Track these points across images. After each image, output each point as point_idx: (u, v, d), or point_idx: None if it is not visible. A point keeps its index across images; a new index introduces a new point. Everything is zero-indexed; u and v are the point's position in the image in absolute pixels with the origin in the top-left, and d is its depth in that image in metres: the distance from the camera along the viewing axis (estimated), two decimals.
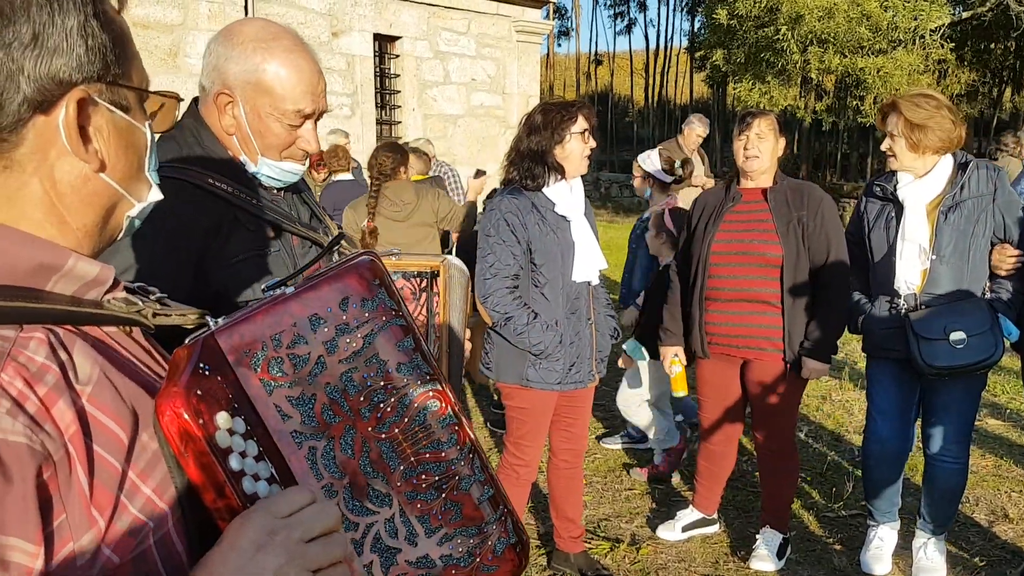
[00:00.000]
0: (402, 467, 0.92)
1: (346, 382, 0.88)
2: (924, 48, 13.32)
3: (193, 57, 9.30)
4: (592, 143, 2.93)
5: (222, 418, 0.80)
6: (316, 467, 0.87)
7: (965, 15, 14.72)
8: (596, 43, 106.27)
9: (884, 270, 3.04)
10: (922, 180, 2.97)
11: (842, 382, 5.97)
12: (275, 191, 1.65)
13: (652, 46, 49.78)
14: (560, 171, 2.86)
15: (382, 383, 0.90)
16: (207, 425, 0.78)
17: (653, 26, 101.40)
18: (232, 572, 0.71)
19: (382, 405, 0.90)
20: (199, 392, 0.79)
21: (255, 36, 1.52)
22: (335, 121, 10.61)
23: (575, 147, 2.87)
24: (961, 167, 2.97)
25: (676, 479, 4.25)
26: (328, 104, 1.65)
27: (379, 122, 11.44)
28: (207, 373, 0.81)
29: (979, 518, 3.77)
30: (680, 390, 3.52)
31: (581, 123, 2.88)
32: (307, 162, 1.66)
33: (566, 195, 2.91)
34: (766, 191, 3.19)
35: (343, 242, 1.64)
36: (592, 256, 2.93)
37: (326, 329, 0.87)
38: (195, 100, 1.63)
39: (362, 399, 0.89)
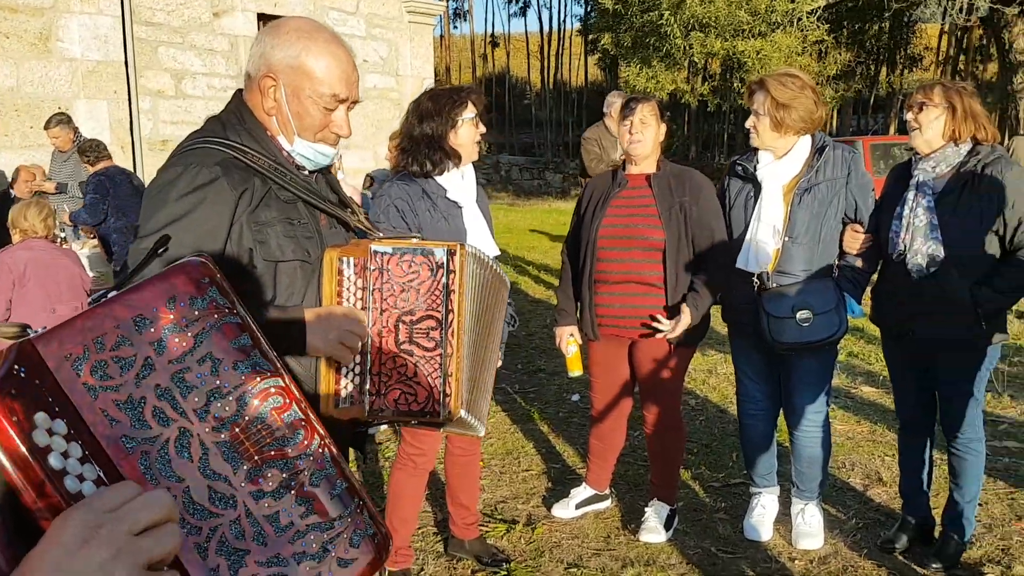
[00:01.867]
0: (246, 467, 0.89)
1: (178, 383, 0.85)
2: (802, 30, 13.87)
3: (65, 41, 8.79)
4: (482, 128, 2.92)
5: (40, 418, 0.76)
6: (151, 472, 0.84)
7: None
8: (493, 24, 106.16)
9: (739, 247, 3.16)
10: (780, 161, 3.10)
11: (726, 356, 6.18)
12: (307, 172, 1.79)
13: (546, 28, 50.06)
14: (457, 157, 2.84)
15: (217, 382, 0.87)
16: (22, 423, 0.75)
17: (547, 8, 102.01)
18: (53, 568, 0.66)
19: (219, 404, 0.87)
20: (13, 391, 0.75)
21: (299, 28, 1.69)
22: (218, 105, 10.15)
23: (467, 133, 2.86)
24: (819, 151, 3.10)
25: (570, 458, 4.32)
26: (213, 87, 1.88)
27: None
28: (22, 375, 0.77)
29: (855, 482, 3.97)
30: (575, 369, 3.57)
31: (471, 108, 2.87)
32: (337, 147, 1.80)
33: (458, 181, 2.89)
34: (650, 177, 3.26)
35: (360, 215, 1.87)
36: (484, 243, 2.92)
37: (152, 329, 0.83)
38: (238, 92, 1.78)
39: (197, 400, 0.86)
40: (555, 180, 26.85)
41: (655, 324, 3.17)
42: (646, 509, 3.48)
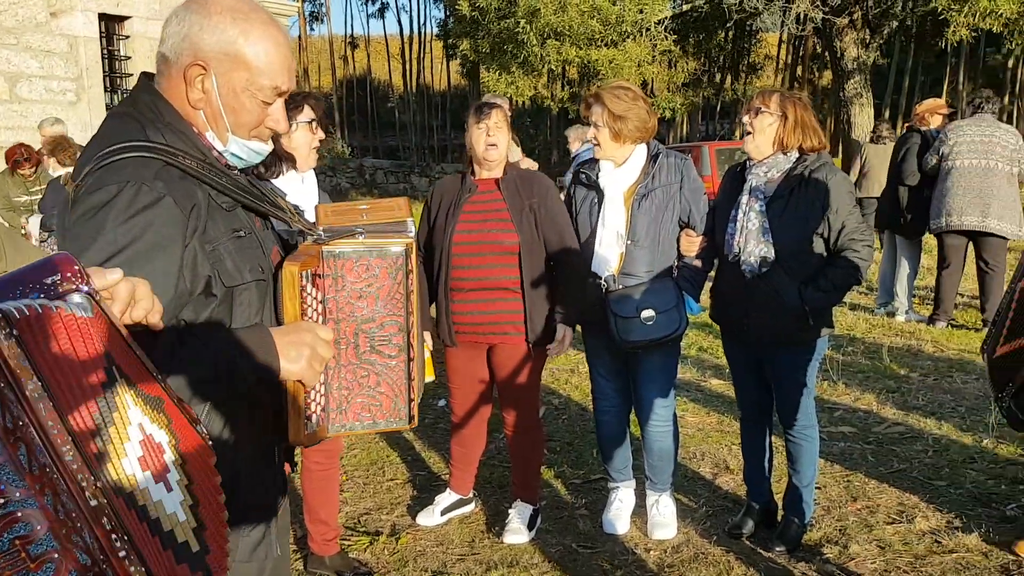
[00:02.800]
0: None
1: None
2: (651, 40, 14.44)
3: None
4: (320, 134, 2.88)
5: None
6: None
7: (685, 8, 16.13)
8: (352, 26, 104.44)
9: (587, 252, 3.27)
10: (620, 169, 3.23)
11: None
12: (236, 171, 1.55)
13: (407, 31, 49.83)
14: (292, 160, 2.79)
15: None
16: None
17: (406, 11, 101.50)
18: None
19: None
20: None
21: (233, 7, 1.46)
22: (57, 108, 9.61)
23: (302, 137, 2.81)
24: (653, 157, 3.25)
25: (436, 465, 4.32)
26: (51, 90, 1.58)
27: (110, 108, 10.54)
28: None
29: (704, 472, 4.16)
30: (428, 374, 3.56)
31: (308, 113, 2.83)
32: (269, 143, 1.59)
33: (297, 186, 2.84)
34: (499, 181, 3.30)
35: (302, 219, 1.64)
36: None
37: None
38: (145, 75, 1.52)
39: None
40: (421, 184, 26.77)
41: (549, 351, 3.33)
42: (509, 511, 3.53)
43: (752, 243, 3.07)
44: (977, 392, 5.18)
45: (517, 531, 3.43)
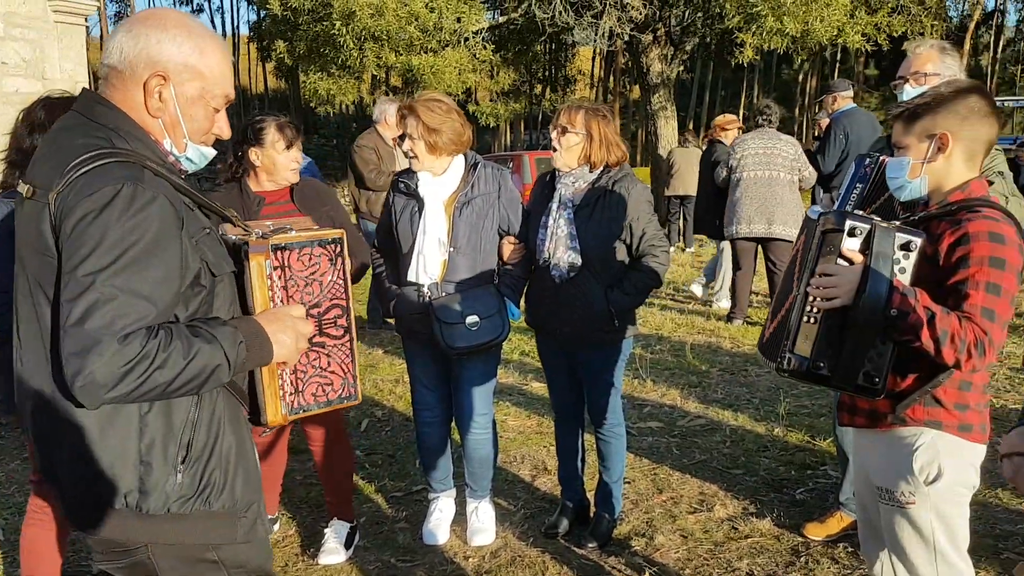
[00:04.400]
0: None
1: None
2: (470, 49, 14.61)
3: None
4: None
5: None
6: None
7: (502, 20, 16.46)
8: None
9: (409, 260, 3.25)
10: (439, 179, 3.23)
11: None
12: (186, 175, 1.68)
13: (219, 32, 47.66)
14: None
15: None
16: None
17: (219, 12, 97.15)
18: None
19: None
20: None
21: (185, 22, 1.59)
22: None
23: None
24: (472, 167, 3.28)
25: None
26: None
27: None
28: None
29: (524, 474, 4.24)
30: None
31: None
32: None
33: None
34: (291, 189, 3.22)
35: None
36: None
37: None
38: (91, 93, 1.61)
39: None
40: None
41: None
42: (325, 531, 3.43)
43: (561, 249, 3.17)
44: (769, 384, 5.59)
45: (333, 551, 3.34)
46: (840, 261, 1.91)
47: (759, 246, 7.27)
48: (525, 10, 14.22)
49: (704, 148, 9.06)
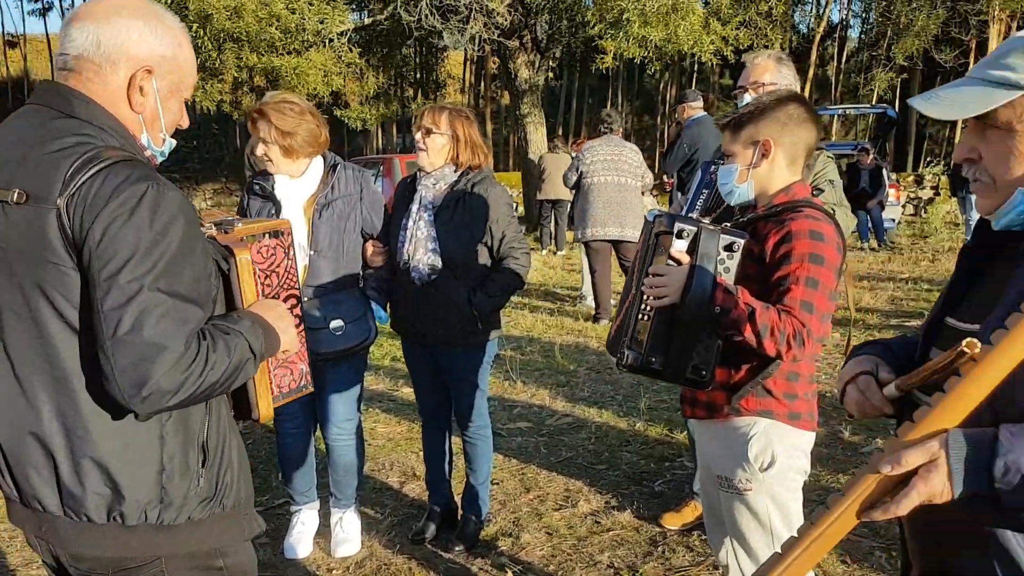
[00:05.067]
0: None
1: None
2: (335, 51, 14.38)
3: None
4: None
5: None
6: None
7: (367, 21, 16.28)
8: (4, 24, 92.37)
9: None
10: (297, 181, 3.17)
11: None
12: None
13: None
14: None
15: None
16: None
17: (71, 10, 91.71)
18: None
19: None
20: None
21: (160, 13, 1.55)
22: None
23: None
24: (332, 168, 3.23)
25: None
26: None
27: None
28: None
29: (392, 481, 4.21)
30: None
31: None
32: None
33: None
34: None
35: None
36: None
37: None
38: (57, 86, 1.50)
39: None
40: None
41: None
42: None
43: (421, 252, 3.16)
44: (632, 381, 5.78)
45: None
46: (670, 262, 2.01)
47: (613, 248, 7.55)
48: (391, 12, 14.12)
49: (574, 154, 9.36)
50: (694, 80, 38.58)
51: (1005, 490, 1.04)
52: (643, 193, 7.79)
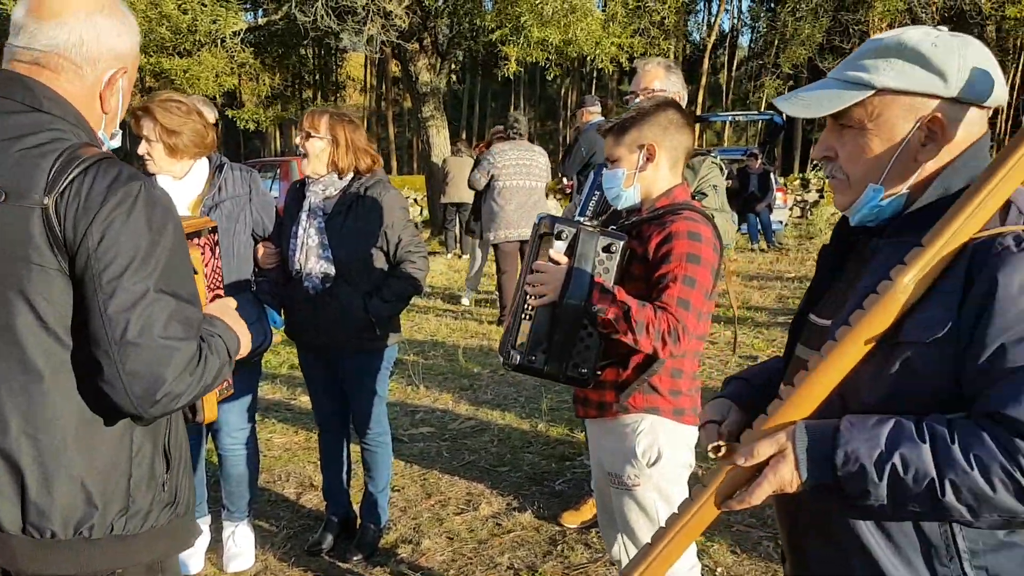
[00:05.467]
0: None
1: None
2: (228, 51, 13.99)
3: None
4: None
5: None
6: None
7: (262, 22, 15.91)
8: None
9: None
10: (181, 182, 3.06)
11: None
12: None
13: None
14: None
15: None
16: None
17: None
18: None
19: None
20: None
21: (125, 9, 1.54)
22: None
23: None
24: (218, 168, 3.14)
25: None
26: None
27: None
28: None
29: (289, 492, 4.12)
30: None
31: None
32: None
33: None
34: None
35: None
36: None
37: None
38: (23, 78, 1.43)
39: None
40: None
41: None
42: None
43: (312, 260, 3.10)
44: (535, 382, 5.82)
45: None
46: (550, 262, 2.05)
47: (519, 248, 7.62)
48: (286, 13, 13.83)
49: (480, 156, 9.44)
50: (593, 86, 39.30)
51: (846, 479, 1.09)
52: (547, 196, 7.94)
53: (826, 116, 1.23)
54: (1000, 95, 1.20)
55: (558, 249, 2.03)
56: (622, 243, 2.03)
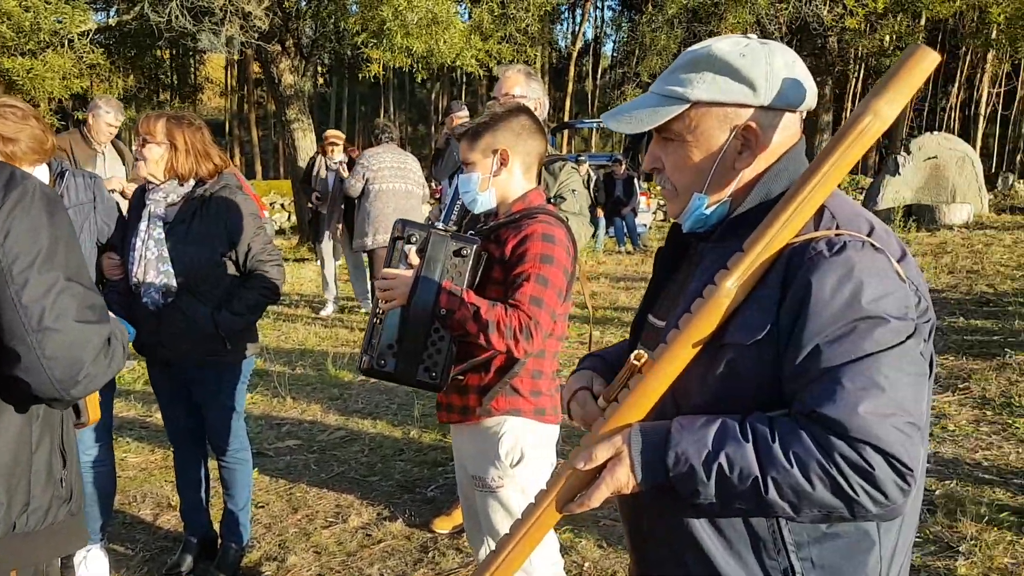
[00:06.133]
0: None
1: None
2: (76, 52, 13.19)
3: None
4: None
5: None
6: None
7: (112, 22, 15.10)
8: None
9: None
10: None
11: None
12: None
13: None
14: None
15: None
16: None
17: None
18: None
19: None
20: None
21: None
22: None
23: None
24: (59, 175, 2.96)
25: None
26: None
27: None
28: None
29: (145, 514, 3.91)
30: None
31: None
32: None
33: None
34: None
35: None
36: None
37: None
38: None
39: None
40: None
41: None
42: None
43: (152, 273, 2.93)
44: (407, 389, 5.77)
45: None
46: (403, 265, 2.05)
47: None
48: (139, 12, 13.16)
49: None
50: (463, 91, 39.46)
51: (677, 479, 1.12)
52: (423, 202, 7.89)
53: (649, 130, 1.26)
54: (811, 99, 1.25)
55: (409, 253, 2.03)
56: (474, 246, 2.05)
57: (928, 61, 1.13)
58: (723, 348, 1.16)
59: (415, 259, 2.04)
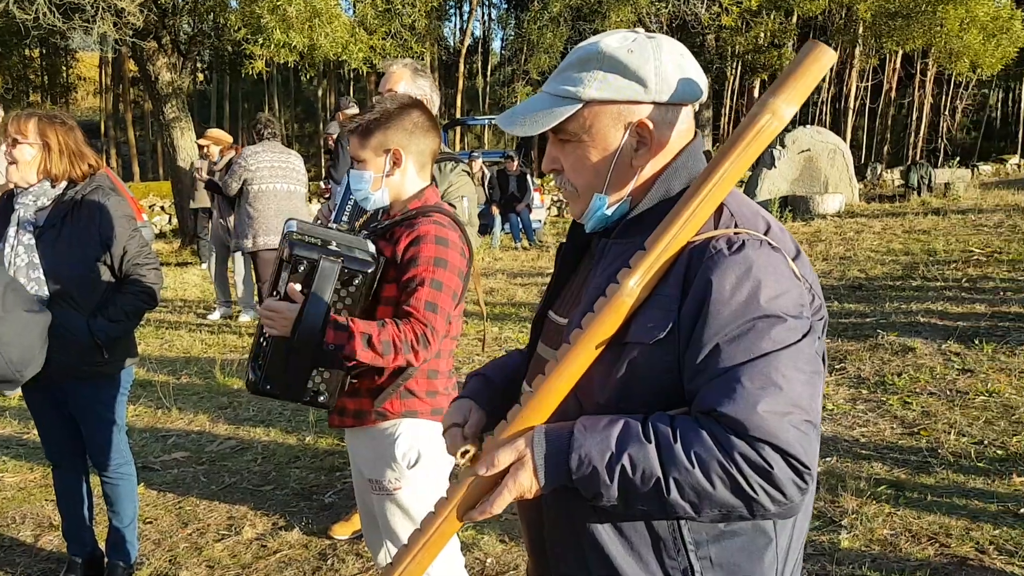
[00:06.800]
0: None
1: None
2: None
3: None
4: None
5: None
6: None
7: None
8: None
9: None
10: None
11: None
12: None
13: None
14: None
15: None
16: None
17: None
18: None
19: None
20: None
21: None
22: None
23: None
24: None
25: None
26: None
27: None
28: None
29: (25, 535, 3.68)
30: None
31: None
32: None
33: None
34: None
35: None
36: None
37: None
38: None
39: None
40: None
41: None
42: None
43: (22, 281, 2.75)
44: None
45: None
46: (285, 291, 1.99)
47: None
48: (3, 9, 12.32)
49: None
50: (351, 88, 38.82)
51: (580, 481, 1.10)
52: (310, 200, 7.70)
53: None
54: (702, 92, 1.25)
55: (295, 280, 1.98)
56: (369, 271, 2.01)
57: (826, 59, 1.13)
58: (626, 347, 1.14)
59: (299, 297, 1.97)
